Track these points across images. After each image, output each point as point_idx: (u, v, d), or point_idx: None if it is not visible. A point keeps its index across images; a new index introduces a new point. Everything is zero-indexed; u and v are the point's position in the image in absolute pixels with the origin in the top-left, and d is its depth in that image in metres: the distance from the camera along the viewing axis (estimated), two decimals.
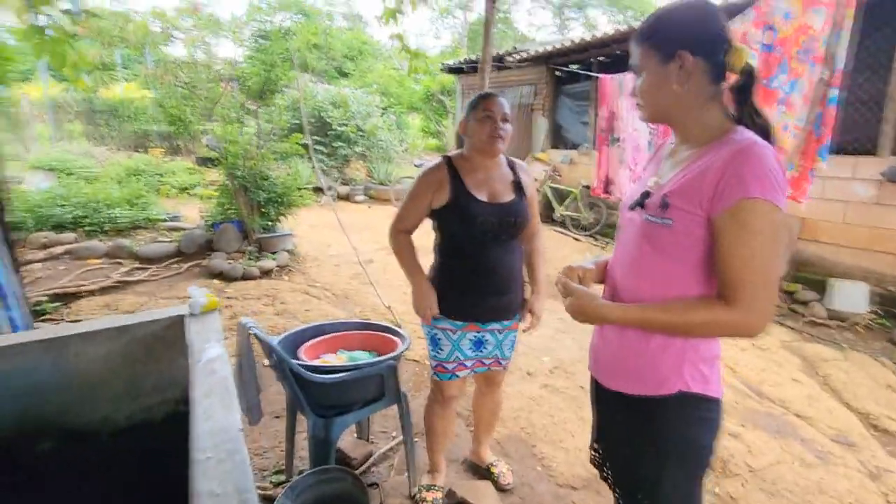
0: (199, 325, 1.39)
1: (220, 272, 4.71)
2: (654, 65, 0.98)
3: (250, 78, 5.36)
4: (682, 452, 1.03)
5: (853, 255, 4.42)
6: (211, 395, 1.02)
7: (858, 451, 2.48)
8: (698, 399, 1.00)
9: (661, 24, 0.98)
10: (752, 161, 0.87)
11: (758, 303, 0.88)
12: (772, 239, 0.87)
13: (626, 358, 1.06)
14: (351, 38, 19.27)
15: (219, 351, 1.22)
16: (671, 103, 0.99)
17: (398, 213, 1.77)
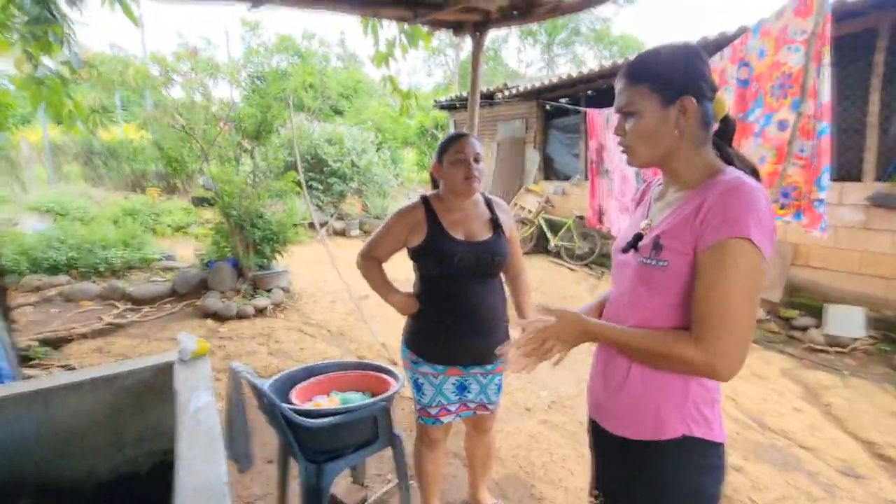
0: (187, 372, 1.37)
1: (213, 312, 4.67)
2: (654, 108, 0.95)
3: (246, 118, 5.46)
4: (685, 501, 0.98)
5: (846, 279, 4.45)
6: (195, 446, 1.00)
7: (866, 484, 2.43)
8: (701, 444, 0.96)
9: (664, 68, 0.95)
10: (738, 201, 0.86)
11: (722, 346, 0.85)
12: (747, 281, 0.85)
13: (623, 399, 1.02)
14: (346, 77, 19.81)
15: (206, 399, 1.21)
16: (668, 147, 0.97)
17: (370, 240, 1.79)
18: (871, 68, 4.22)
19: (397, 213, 1.74)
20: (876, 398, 3.33)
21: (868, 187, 4.28)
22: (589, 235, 7.09)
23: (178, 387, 1.29)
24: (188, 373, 1.37)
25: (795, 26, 2.33)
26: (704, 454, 0.97)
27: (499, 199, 1.88)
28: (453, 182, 1.67)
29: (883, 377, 3.63)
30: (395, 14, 2.54)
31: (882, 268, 4.25)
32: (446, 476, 2.31)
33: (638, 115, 0.97)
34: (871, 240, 4.29)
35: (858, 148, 4.35)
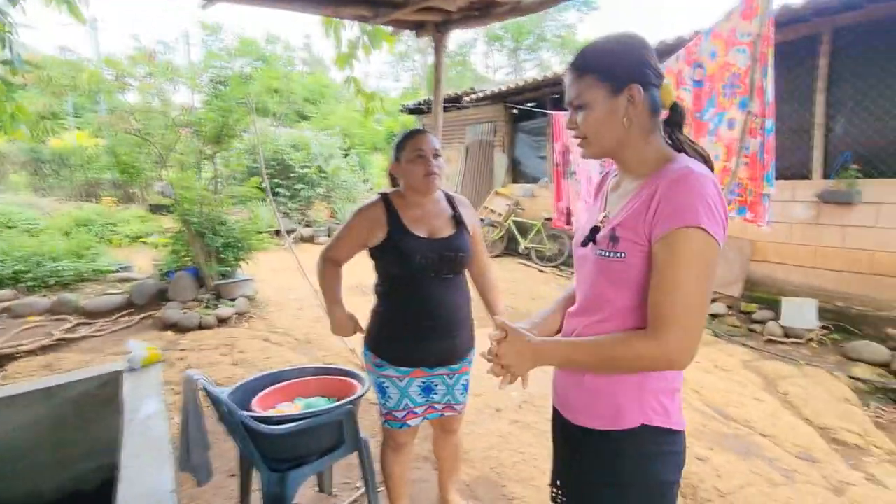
0: (136, 381, 1.30)
1: (174, 323, 4.49)
2: (601, 98, 0.95)
3: (206, 123, 5.30)
4: (644, 488, 0.99)
5: (800, 273, 4.65)
6: (141, 455, 0.94)
7: (822, 467, 2.52)
8: (660, 432, 0.97)
9: (609, 57, 0.96)
10: (687, 189, 0.86)
11: (676, 333, 0.85)
12: (700, 270, 0.85)
13: (583, 390, 1.03)
14: (311, 81, 19.57)
15: (156, 407, 1.14)
16: (619, 137, 0.97)
17: (330, 241, 1.76)
18: (816, 71, 4.45)
19: (357, 211, 1.70)
20: (829, 385, 3.48)
21: (817, 185, 4.49)
22: (558, 237, 7.19)
23: (125, 396, 1.22)
24: (138, 381, 1.30)
25: (742, 29, 2.43)
26: (663, 442, 0.98)
27: (461, 195, 1.85)
28: (413, 179, 1.64)
29: (835, 365, 3.80)
30: (355, 13, 2.51)
31: (832, 261, 4.46)
32: (416, 480, 2.27)
33: (587, 106, 0.96)
34: (821, 235, 4.50)
35: (807, 147, 4.57)
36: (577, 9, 22.00)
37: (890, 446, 2.80)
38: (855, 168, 4.23)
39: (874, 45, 4.16)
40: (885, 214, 4.16)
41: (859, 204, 4.26)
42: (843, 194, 4.29)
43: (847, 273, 4.39)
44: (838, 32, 4.33)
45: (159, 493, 0.81)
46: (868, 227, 4.25)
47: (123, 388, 1.25)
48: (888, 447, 2.80)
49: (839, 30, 4.31)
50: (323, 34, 3.04)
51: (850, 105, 4.33)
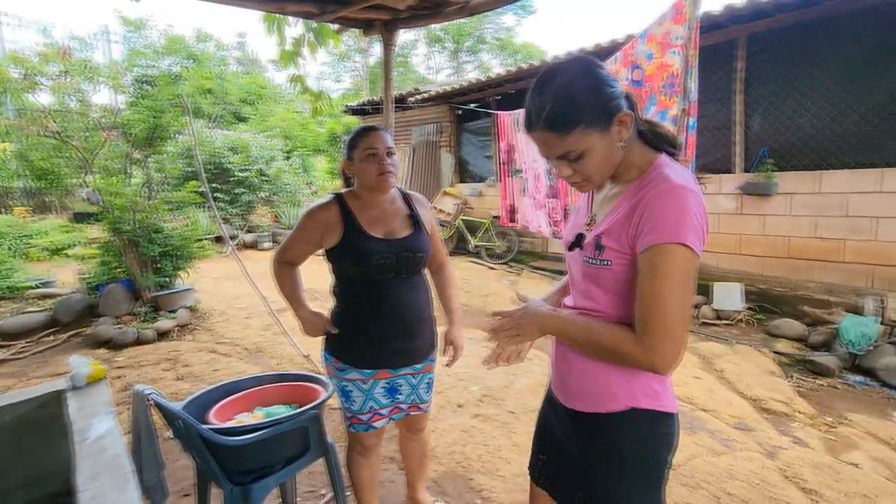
0: (82, 400, 1.20)
1: (107, 339, 4.17)
2: (597, 139, 0.94)
3: (135, 125, 4.95)
4: (636, 468, 1.03)
5: (728, 259, 5.04)
6: (100, 476, 0.87)
7: (756, 435, 2.75)
8: (650, 415, 1.01)
9: (586, 104, 0.92)
10: (671, 205, 0.89)
11: (658, 344, 0.89)
12: (681, 283, 0.88)
13: (578, 375, 1.07)
14: (248, 82, 18.78)
15: (108, 425, 1.07)
16: (617, 162, 0.99)
17: (283, 244, 1.71)
18: (734, 74, 4.84)
19: (308, 212, 1.64)
20: (757, 360, 3.80)
21: (739, 178, 4.89)
22: (507, 234, 7.36)
23: (72, 416, 1.12)
24: (84, 400, 1.20)
25: (675, 32, 2.61)
26: (653, 424, 1.02)
27: (417, 193, 1.84)
28: (367, 178, 1.60)
29: (760, 342, 4.16)
30: (301, 10, 2.45)
31: (754, 248, 4.87)
32: (383, 482, 2.25)
33: (587, 154, 0.95)
34: (744, 224, 4.91)
35: (730, 143, 4.97)
36: (514, 12, 22.59)
37: (811, 411, 3.10)
38: (771, 162, 4.64)
39: (784, 50, 4.59)
40: (798, 203, 4.60)
41: (776, 195, 4.68)
42: (761, 186, 4.70)
43: (767, 258, 4.82)
44: (752, 38, 4.73)
45: None
46: (783, 215, 4.68)
47: (70, 407, 1.15)
48: (809, 412, 3.10)
49: (753, 36, 4.72)
50: (265, 31, 2.94)
51: (765, 104, 4.75)
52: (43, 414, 1.24)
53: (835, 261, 4.45)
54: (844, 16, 4.17)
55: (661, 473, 1.05)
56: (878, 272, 4.24)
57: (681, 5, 2.50)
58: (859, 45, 4.19)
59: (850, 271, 4.37)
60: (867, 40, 4.15)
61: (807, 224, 4.56)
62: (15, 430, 1.22)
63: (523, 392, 3.17)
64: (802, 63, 4.49)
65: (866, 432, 2.84)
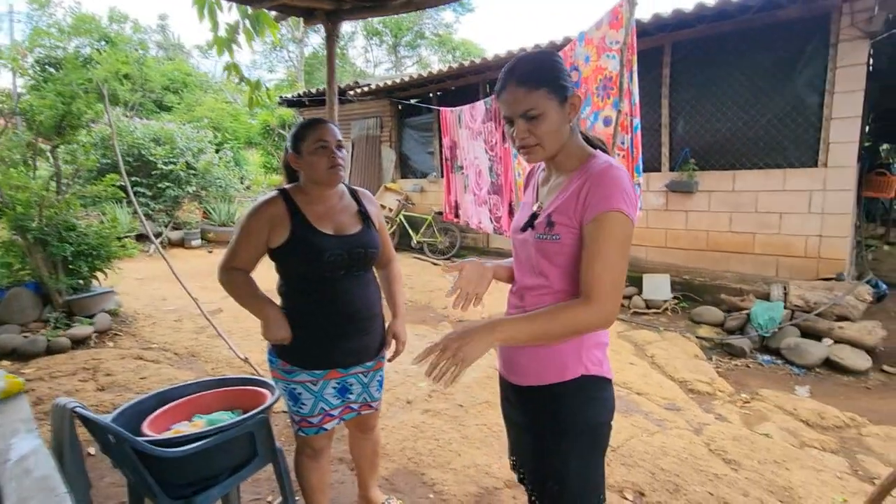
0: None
1: (11, 350, 3.74)
2: (555, 107, 1.06)
3: (41, 112, 4.46)
4: (585, 431, 1.13)
5: (656, 252, 5.39)
6: (29, 500, 0.78)
7: (684, 413, 2.98)
8: (596, 380, 1.13)
9: (553, 73, 1.07)
10: (609, 181, 1.03)
11: (608, 298, 1.00)
12: (623, 245, 1.02)
13: (530, 353, 1.15)
14: (171, 68, 17.48)
15: (32, 444, 0.97)
16: (564, 141, 1.10)
17: (228, 251, 1.59)
18: (661, 79, 5.18)
19: (252, 211, 1.55)
20: (683, 346, 4.11)
21: (665, 176, 5.24)
22: (449, 230, 7.41)
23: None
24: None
25: (611, 37, 2.74)
26: (599, 389, 1.14)
27: (363, 189, 1.80)
28: (316, 172, 1.55)
29: (686, 328, 4.50)
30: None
31: (680, 241, 5.25)
32: (333, 483, 2.20)
33: (543, 116, 1.05)
34: (671, 219, 5.27)
35: (658, 144, 5.31)
36: (453, 9, 22.70)
37: (729, 389, 3.41)
38: (693, 162, 5.02)
39: (704, 58, 4.97)
40: (716, 200, 5.01)
41: (697, 192, 5.07)
42: (684, 184, 5.07)
43: (691, 250, 5.21)
44: (676, 46, 5.08)
45: None
46: (704, 211, 5.09)
47: None
48: (728, 390, 3.40)
49: (676, 44, 5.07)
50: (196, 15, 2.74)
51: (688, 108, 5.12)
52: None
53: (747, 252, 4.90)
54: (755, 29, 4.58)
55: (604, 437, 1.18)
56: (783, 262, 4.73)
57: (617, 11, 2.63)
58: (767, 56, 4.63)
59: (759, 262, 4.83)
60: (774, 53, 4.59)
61: (724, 219, 4.98)
62: None
63: (471, 386, 3.22)
64: (719, 71, 4.88)
65: (774, 405, 3.16)
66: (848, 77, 4.22)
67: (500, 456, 2.43)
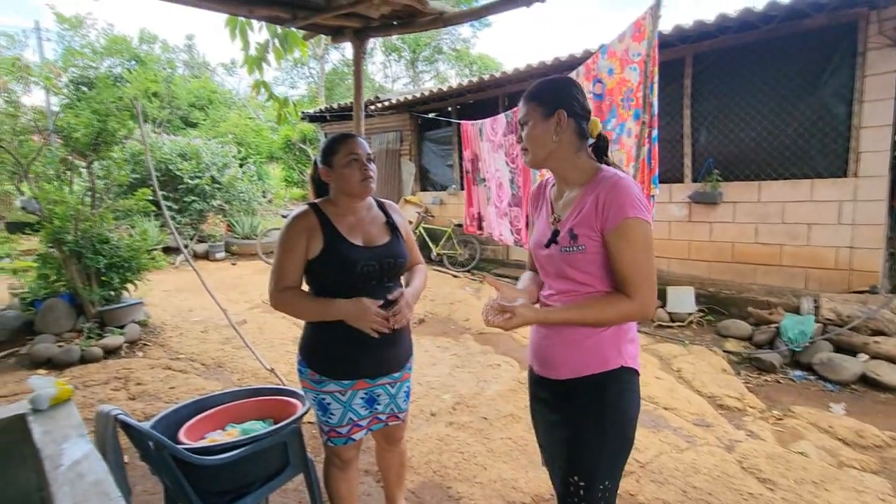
0: (48, 423, 1.12)
1: (47, 359, 3.86)
2: (538, 118, 1.24)
3: (77, 129, 4.65)
4: (619, 422, 1.21)
5: (679, 264, 5.31)
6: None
7: (714, 430, 2.90)
8: (630, 373, 1.24)
9: (546, 88, 1.27)
10: (623, 191, 1.16)
11: (645, 293, 1.16)
12: (647, 245, 1.17)
13: (566, 347, 1.25)
14: (197, 86, 18.05)
15: (85, 448, 1.00)
16: (550, 151, 1.25)
17: (274, 273, 1.58)
18: (683, 90, 5.15)
19: (287, 226, 1.59)
20: (710, 360, 4.02)
21: (688, 187, 5.18)
22: (469, 242, 7.42)
23: (38, 442, 1.04)
24: (50, 424, 1.12)
25: (634, 49, 2.75)
26: (631, 381, 1.25)
27: (389, 201, 1.84)
28: (349, 184, 1.59)
29: (712, 342, 4.40)
30: (271, 14, 2.39)
31: (703, 253, 5.17)
32: (360, 495, 2.20)
33: (528, 124, 1.27)
34: (694, 231, 5.20)
35: (680, 154, 5.26)
36: (470, 25, 22.99)
37: (760, 406, 3.31)
38: (716, 172, 4.95)
39: (727, 69, 4.93)
40: (741, 211, 4.92)
41: (721, 203, 5.00)
42: (708, 195, 5.00)
43: (715, 262, 5.12)
44: (698, 57, 5.06)
45: None
46: (728, 222, 5.00)
47: (34, 432, 1.06)
48: (759, 406, 3.30)
49: (698, 55, 5.04)
50: (229, 35, 2.85)
51: (710, 118, 5.08)
52: (1, 441, 1.13)
53: (774, 264, 4.79)
54: (780, 39, 4.54)
55: (631, 433, 1.25)
56: (812, 274, 4.61)
57: (640, 24, 2.65)
58: (792, 66, 4.57)
59: (788, 274, 4.72)
60: (799, 62, 4.53)
61: (750, 230, 4.89)
62: None
63: (495, 398, 3.20)
64: (743, 81, 4.84)
65: (809, 423, 3.06)
66: (877, 86, 4.14)
67: (526, 470, 2.40)
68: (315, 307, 1.58)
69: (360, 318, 1.52)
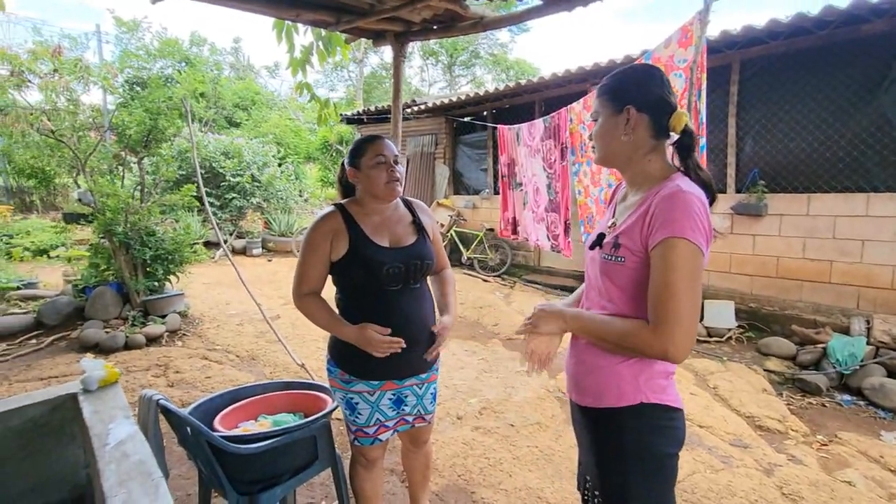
0: (97, 404, 1.17)
1: (95, 343, 4.07)
2: (607, 114, 1.13)
3: (131, 126, 4.89)
4: (646, 458, 1.08)
5: (719, 278, 5.12)
6: (128, 482, 0.85)
7: (752, 452, 2.78)
8: (658, 409, 1.08)
9: (618, 81, 1.14)
10: (676, 204, 0.98)
11: (672, 330, 0.95)
12: (689, 275, 0.96)
13: (590, 374, 1.14)
14: (242, 87, 18.71)
15: (130, 429, 1.04)
16: (618, 149, 1.13)
17: (297, 275, 1.60)
18: (728, 97, 4.97)
19: (311, 227, 1.59)
20: (750, 378, 3.85)
21: (732, 198, 4.99)
22: (500, 247, 7.39)
23: (88, 420, 1.09)
24: (98, 404, 1.17)
25: (679, 55, 2.68)
26: (661, 417, 1.09)
27: (417, 200, 1.82)
28: (376, 186, 1.59)
29: (752, 360, 4.22)
30: (316, 18, 2.46)
31: (746, 267, 4.96)
32: (384, 494, 2.21)
33: (598, 119, 1.17)
34: (736, 243, 5.00)
35: (723, 164, 5.08)
36: (508, 30, 22.95)
37: (804, 429, 3.15)
38: (762, 183, 4.76)
39: (775, 76, 4.73)
40: (787, 224, 4.71)
41: (766, 215, 4.79)
42: (753, 207, 4.81)
43: (757, 277, 4.91)
44: (745, 63, 4.88)
45: None
46: (773, 235, 4.79)
47: (85, 411, 1.12)
48: (802, 430, 3.14)
49: (746, 62, 4.86)
50: (275, 38, 2.94)
51: (757, 127, 4.88)
52: (53, 418, 1.20)
53: (823, 281, 4.55)
54: (834, 45, 4.33)
55: (669, 467, 1.11)
56: (864, 293, 4.35)
57: (687, 29, 2.58)
58: (848, 73, 4.34)
59: (837, 292, 4.47)
60: (856, 69, 4.30)
61: (797, 245, 4.66)
62: (24, 433, 1.18)
63: (522, 405, 3.17)
64: (793, 89, 4.63)
65: (858, 451, 2.88)
66: None
67: (552, 480, 2.36)
68: (326, 323, 1.60)
69: (366, 346, 1.54)
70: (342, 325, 1.57)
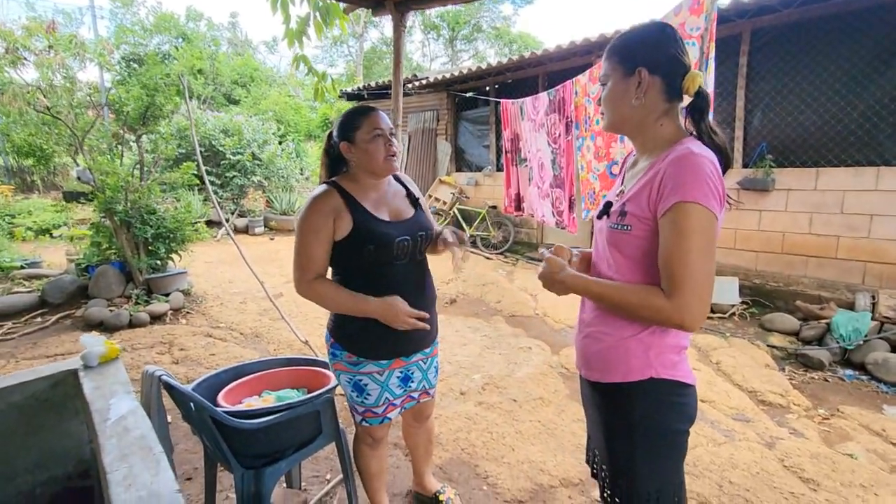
0: (98, 379, 1.17)
1: (99, 322, 4.09)
2: (617, 77, 1.07)
3: (128, 103, 4.82)
4: (653, 434, 1.07)
5: (724, 254, 5.08)
6: (129, 457, 0.84)
7: (754, 426, 2.79)
8: (668, 384, 1.06)
9: (628, 41, 1.07)
10: (687, 167, 0.94)
11: (687, 296, 0.93)
12: (701, 240, 0.93)
13: (598, 349, 1.12)
14: (240, 64, 18.40)
15: (130, 405, 1.04)
16: (628, 114, 1.07)
17: (300, 260, 1.49)
18: (737, 69, 4.85)
19: (309, 209, 1.48)
20: (752, 353, 3.85)
21: (738, 173, 4.91)
22: (503, 224, 7.34)
23: (88, 396, 1.08)
24: (99, 380, 1.16)
25: (691, 23, 2.58)
26: (671, 393, 1.07)
27: (401, 173, 1.74)
28: (373, 161, 1.50)
29: (755, 336, 4.21)
30: None
31: (751, 242, 4.92)
32: (388, 468, 2.24)
33: (607, 83, 1.10)
34: (741, 218, 4.95)
35: (730, 138, 4.98)
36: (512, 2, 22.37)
37: (806, 403, 3.16)
38: (770, 158, 4.67)
39: (787, 47, 4.60)
40: (794, 200, 4.64)
41: (773, 191, 4.72)
42: (759, 181, 4.73)
43: (762, 253, 4.87)
44: (756, 33, 4.73)
45: (164, 495, 0.73)
46: (780, 211, 4.73)
47: (86, 387, 1.11)
48: (804, 404, 3.15)
49: (757, 31, 4.72)
50: (269, 8, 2.85)
51: (766, 100, 4.77)
52: (55, 394, 1.19)
53: (829, 257, 4.51)
54: (849, 13, 4.18)
55: (678, 443, 1.10)
56: (871, 269, 4.32)
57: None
58: (862, 43, 4.21)
59: (843, 267, 4.43)
60: (870, 39, 4.17)
61: (803, 220, 4.61)
62: (26, 409, 1.18)
63: (525, 381, 3.18)
64: (805, 59, 4.50)
65: (860, 424, 2.89)
66: None
67: (554, 454, 2.38)
68: (351, 304, 1.49)
69: (393, 319, 1.48)
70: (366, 301, 1.48)
